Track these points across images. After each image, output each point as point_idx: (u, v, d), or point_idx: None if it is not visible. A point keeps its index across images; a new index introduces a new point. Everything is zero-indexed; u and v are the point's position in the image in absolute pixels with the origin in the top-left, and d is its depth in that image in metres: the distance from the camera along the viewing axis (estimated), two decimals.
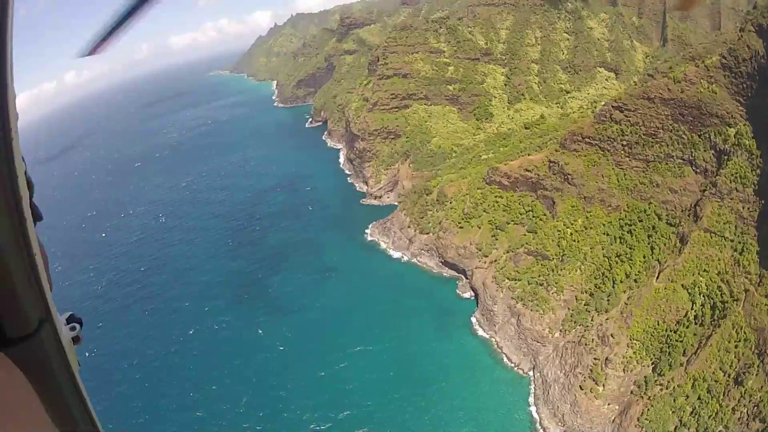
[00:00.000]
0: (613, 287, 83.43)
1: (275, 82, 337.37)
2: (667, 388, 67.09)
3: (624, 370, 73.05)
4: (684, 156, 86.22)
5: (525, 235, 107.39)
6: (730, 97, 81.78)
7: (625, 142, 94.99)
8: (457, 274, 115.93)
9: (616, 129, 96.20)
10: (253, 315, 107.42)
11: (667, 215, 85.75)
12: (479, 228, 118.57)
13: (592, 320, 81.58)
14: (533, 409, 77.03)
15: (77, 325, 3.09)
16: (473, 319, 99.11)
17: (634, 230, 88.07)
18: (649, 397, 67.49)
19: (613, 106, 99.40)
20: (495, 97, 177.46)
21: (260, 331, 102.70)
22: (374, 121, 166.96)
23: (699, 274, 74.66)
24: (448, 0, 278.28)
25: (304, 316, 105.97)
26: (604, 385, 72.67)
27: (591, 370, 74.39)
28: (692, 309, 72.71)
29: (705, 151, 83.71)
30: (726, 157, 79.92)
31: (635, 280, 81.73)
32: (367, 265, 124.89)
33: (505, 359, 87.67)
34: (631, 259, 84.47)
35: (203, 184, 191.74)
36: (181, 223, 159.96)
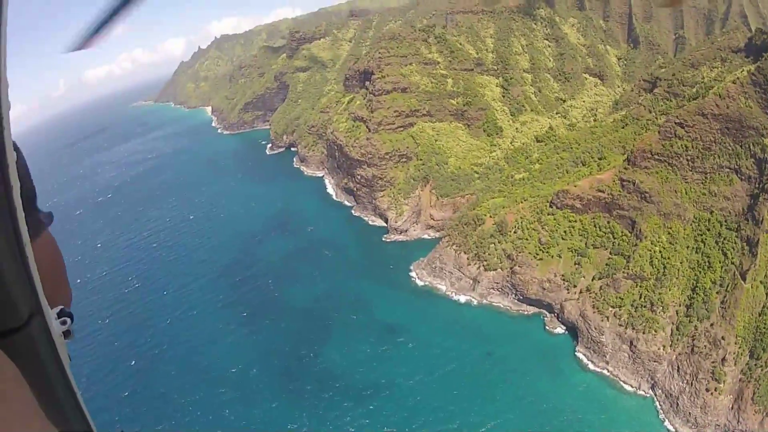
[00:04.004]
0: (706, 295, 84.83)
1: (209, 107, 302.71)
2: (766, 366, 74.70)
3: (735, 363, 78.12)
4: (731, 165, 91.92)
5: (611, 258, 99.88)
6: (761, 111, 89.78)
7: (689, 157, 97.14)
8: (538, 309, 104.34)
9: (681, 144, 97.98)
10: (332, 411, 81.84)
11: (725, 221, 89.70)
12: (560, 257, 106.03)
13: (696, 329, 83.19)
14: (666, 423, 78.67)
15: (68, 320, 2.99)
16: (579, 355, 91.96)
17: (706, 239, 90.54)
18: (755, 378, 74.86)
19: (675, 123, 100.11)
20: (497, 110, 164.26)
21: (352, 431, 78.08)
22: (383, 143, 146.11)
23: (765, 267, 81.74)
24: (400, 10, 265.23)
25: (398, 400, 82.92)
26: (724, 382, 77.17)
27: (713, 373, 78.00)
28: (766, 298, 79.72)
29: (746, 159, 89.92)
30: (766, 165, 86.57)
31: (720, 285, 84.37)
32: (433, 317, 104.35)
33: (625, 386, 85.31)
34: (711, 267, 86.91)
35: (172, 233, 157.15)
36: (164, 289, 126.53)
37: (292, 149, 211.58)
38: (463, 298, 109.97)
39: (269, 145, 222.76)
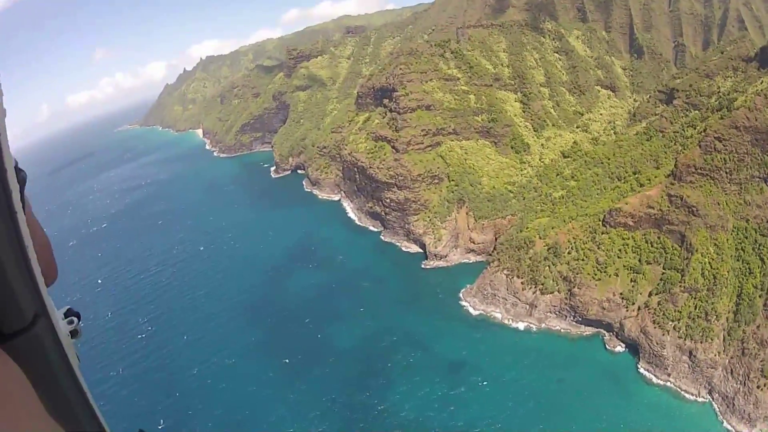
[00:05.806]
0: (750, 300, 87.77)
1: (200, 130, 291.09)
2: None
3: None
4: (760, 174, 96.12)
5: (665, 272, 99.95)
6: None
7: (727, 170, 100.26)
8: (596, 329, 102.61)
9: (720, 158, 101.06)
10: None
11: (759, 228, 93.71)
12: (617, 276, 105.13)
13: (744, 333, 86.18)
14: (725, 424, 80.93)
15: (75, 319, 3.03)
16: (642, 370, 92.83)
17: (745, 247, 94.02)
18: None
19: (714, 137, 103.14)
20: (519, 126, 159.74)
21: None
22: (414, 164, 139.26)
23: None
24: (397, 26, 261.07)
25: None
26: None
27: (762, 371, 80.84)
28: None
29: None
30: None
31: (761, 289, 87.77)
32: (498, 349, 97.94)
33: (686, 395, 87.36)
34: (751, 272, 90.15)
35: (183, 268, 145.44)
36: (185, 333, 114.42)
37: (299, 171, 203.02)
38: (521, 325, 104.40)
39: (273, 168, 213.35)
